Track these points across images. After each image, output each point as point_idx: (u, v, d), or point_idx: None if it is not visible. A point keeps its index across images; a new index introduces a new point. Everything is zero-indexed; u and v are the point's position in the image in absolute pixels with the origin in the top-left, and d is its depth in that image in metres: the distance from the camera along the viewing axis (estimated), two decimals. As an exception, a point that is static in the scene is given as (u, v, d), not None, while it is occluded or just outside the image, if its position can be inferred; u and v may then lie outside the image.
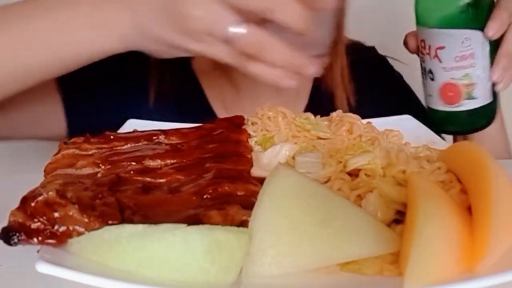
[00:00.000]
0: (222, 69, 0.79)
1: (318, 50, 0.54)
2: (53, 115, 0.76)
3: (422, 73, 0.65)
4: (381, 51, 0.94)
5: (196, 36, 0.49)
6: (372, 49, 0.93)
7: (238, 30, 0.48)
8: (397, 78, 0.92)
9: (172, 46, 0.52)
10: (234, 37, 0.48)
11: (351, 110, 0.79)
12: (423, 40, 0.62)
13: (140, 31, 0.53)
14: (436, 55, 0.61)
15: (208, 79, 0.82)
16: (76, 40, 0.57)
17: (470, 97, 0.61)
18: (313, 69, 0.50)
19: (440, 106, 0.63)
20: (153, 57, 0.56)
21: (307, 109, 0.80)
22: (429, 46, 0.61)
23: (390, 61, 0.93)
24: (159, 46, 0.53)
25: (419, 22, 0.63)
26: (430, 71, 0.62)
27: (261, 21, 0.49)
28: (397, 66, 0.93)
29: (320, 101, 0.82)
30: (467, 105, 0.62)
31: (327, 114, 0.60)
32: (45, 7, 0.58)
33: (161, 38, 0.52)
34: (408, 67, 0.88)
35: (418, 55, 0.66)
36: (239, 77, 0.79)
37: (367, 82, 0.86)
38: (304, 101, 0.83)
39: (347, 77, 0.82)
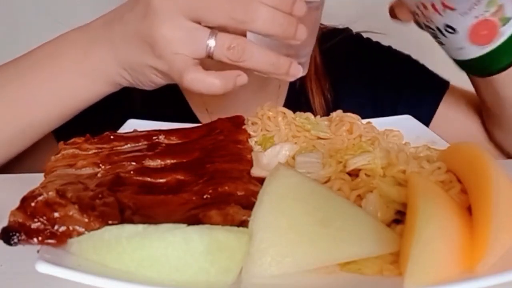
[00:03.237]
0: None
1: (301, 56, 0.55)
2: (47, 147, 0.75)
3: (438, 33, 0.57)
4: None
5: (174, 57, 0.50)
6: (346, 30, 0.90)
7: (212, 42, 0.49)
8: (374, 50, 0.89)
9: (157, 71, 0.53)
10: (209, 50, 0.49)
11: (327, 104, 0.79)
12: (422, 3, 0.55)
13: (123, 64, 0.55)
14: (446, 6, 0.53)
15: None
16: (69, 91, 0.59)
17: (505, 20, 0.53)
18: (295, 69, 0.51)
19: (477, 51, 0.55)
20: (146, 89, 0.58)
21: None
22: (432, 4, 0.54)
23: (367, 34, 0.90)
24: (146, 75, 0.54)
25: None
26: (447, 26, 0.54)
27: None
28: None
29: (296, 100, 0.81)
30: (506, 31, 0.53)
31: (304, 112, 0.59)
32: (33, 64, 0.60)
33: (142, 65, 0.53)
34: (386, 37, 0.88)
35: (418, 23, 0.59)
36: None
37: (344, 70, 0.84)
38: (281, 101, 0.82)
39: (321, 72, 0.81)
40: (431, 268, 0.32)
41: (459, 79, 0.76)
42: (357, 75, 0.85)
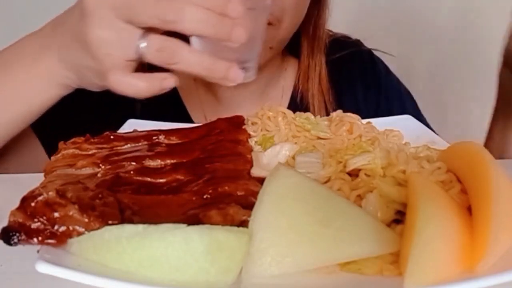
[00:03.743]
0: (201, 80, 0.78)
1: (246, 61, 0.53)
2: (33, 153, 0.74)
3: None
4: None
5: (105, 57, 0.49)
6: (357, 43, 0.90)
7: (142, 44, 0.47)
8: (382, 74, 0.89)
9: (95, 72, 0.52)
10: (140, 51, 0.48)
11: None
12: None
13: (67, 66, 0.55)
14: None
15: (187, 90, 0.81)
16: (24, 97, 0.59)
17: None
18: (234, 74, 0.49)
19: None
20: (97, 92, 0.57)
21: None
22: None
23: (377, 53, 0.91)
24: (87, 76, 0.53)
25: None
26: None
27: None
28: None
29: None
30: None
31: None
32: None
33: (82, 66, 0.52)
34: (395, 59, 0.88)
35: None
36: (219, 87, 0.78)
37: (350, 86, 0.84)
38: None
39: (325, 85, 0.81)
40: (431, 268, 0.32)
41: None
42: (361, 94, 0.85)
